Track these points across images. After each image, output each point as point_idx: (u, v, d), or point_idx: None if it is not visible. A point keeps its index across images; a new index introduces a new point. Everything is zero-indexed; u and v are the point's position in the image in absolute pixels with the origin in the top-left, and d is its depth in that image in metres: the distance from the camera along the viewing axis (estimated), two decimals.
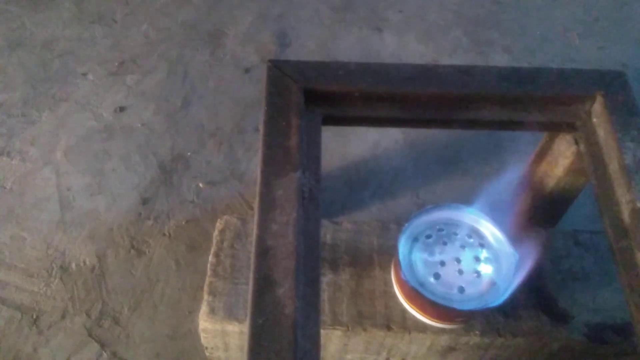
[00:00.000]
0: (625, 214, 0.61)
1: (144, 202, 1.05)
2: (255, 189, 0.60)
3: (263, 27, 1.38)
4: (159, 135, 1.15)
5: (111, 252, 0.98)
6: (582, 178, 0.78)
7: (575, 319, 0.72)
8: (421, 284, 0.66)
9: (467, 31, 1.40)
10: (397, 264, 0.68)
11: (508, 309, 0.71)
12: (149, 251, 0.98)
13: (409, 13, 1.44)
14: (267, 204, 0.58)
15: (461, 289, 0.65)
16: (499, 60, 1.33)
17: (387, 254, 0.77)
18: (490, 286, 0.66)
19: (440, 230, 0.70)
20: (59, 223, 1.02)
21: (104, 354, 0.87)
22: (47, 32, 1.34)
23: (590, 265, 0.77)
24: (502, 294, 0.64)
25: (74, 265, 0.97)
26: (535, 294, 0.74)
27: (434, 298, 0.64)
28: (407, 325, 0.71)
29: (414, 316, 0.70)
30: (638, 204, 0.60)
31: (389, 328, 0.70)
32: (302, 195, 0.59)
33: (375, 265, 0.76)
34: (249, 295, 0.52)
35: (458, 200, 0.71)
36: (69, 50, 1.30)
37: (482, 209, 0.70)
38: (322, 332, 0.54)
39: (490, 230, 0.70)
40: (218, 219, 0.82)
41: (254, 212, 0.59)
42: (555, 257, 0.78)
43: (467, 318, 0.69)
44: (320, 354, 0.51)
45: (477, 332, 0.70)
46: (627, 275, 0.59)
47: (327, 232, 0.79)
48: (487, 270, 0.67)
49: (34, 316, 0.91)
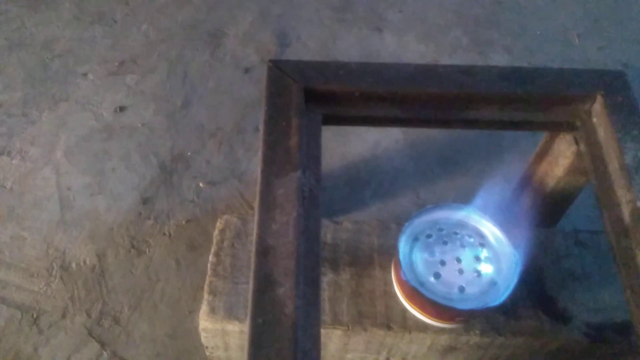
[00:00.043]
0: (626, 213, 0.61)
1: (144, 201, 1.05)
2: (255, 189, 0.60)
3: (263, 27, 1.38)
4: (159, 135, 1.15)
5: (111, 252, 0.98)
6: (582, 178, 0.78)
7: (575, 319, 0.72)
8: (421, 284, 0.66)
9: (467, 31, 1.40)
10: (398, 263, 0.68)
11: (508, 309, 0.71)
12: (149, 251, 0.98)
13: (409, 13, 1.44)
14: (268, 203, 0.58)
15: (461, 289, 0.65)
16: (499, 60, 1.33)
17: (388, 253, 0.77)
18: (491, 286, 0.66)
19: (441, 229, 0.70)
20: (59, 223, 1.02)
21: (104, 354, 0.87)
22: (47, 32, 1.34)
23: (590, 265, 0.77)
24: (502, 294, 0.64)
25: (74, 264, 0.97)
26: (535, 294, 0.74)
27: (434, 297, 0.64)
28: (408, 324, 0.71)
29: (414, 316, 0.70)
30: (638, 204, 0.60)
31: (389, 327, 0.70)
32: (302, 195, 0.59)
33: (375, 265, 0.76)
34: (249, 295, 0.53)
35: (458, 200, 0.71)
36: (69, 50, 1.30)
37: (482, 209, 0.70)
38: (322, 332, 0.54)
39: (491, 229, 0.70)
40: (218, 219, 0.82)
41: (254, 212, 0.59)
42: (555, 257, 0.78)
43: (467, 317, 0.69)
44: (320, 353, 0.51)
45: (477, 331, 0.70)
46: (627, 275, 0.59)
47: (327, 231, 0.79)
48: (487, 269, 0.67)
49: (34, 316, 0.91)
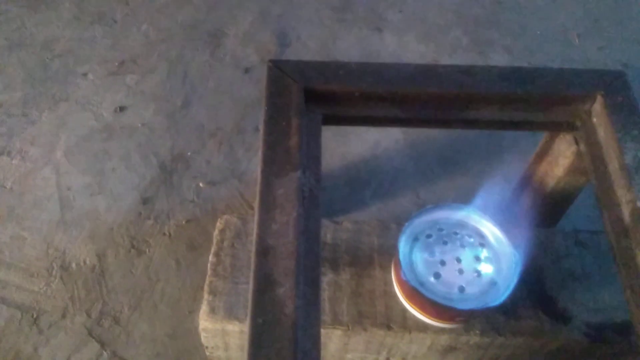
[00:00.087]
0: (626, 213, 0.61)
1: (144, 201, 1.05)
2: (255, 189, 0.60)
3: (263, 27, 1.38)
4: (159, 135, 1.15)
5: (111, 252, 0.98)
6: (582, 178, 0.78)
7: (575, 318, 0.71)
8: (421, 284, 0.66)
9: (467, 31, 1.40)
10: (398, 263, 0.68)
11: (508, 309, 0.71)
12: (149, 251, 0.98)
13: (409, 13, 1.44)
14: (268, 203, 0.58)
15: (461, 289, 0.65)
16: (499, 60, 1.33)
17: (388, 253, 0.77)
18: (491, 286, 0.66)
19: (441, 229, 0.70)
20: (59, 223, 1.02)
21: (104, 354, 0.87)
22: (47, 32, 1.34)
23: (590, 265, 0.77)
24: (502, 294, 0.64)
25: (74, 264, 0.97)
26: (535, 294, 0.74)
27: (434, 297, 0.64)
28: (408, 324, 0.71)
29: (414, 316, 0.70)
30: (638, 204, 0.60)
31: (389, 327, 0.70)
32: (302, 195, 0.59)
33: (375, 265, 0.76)
34: (249, 295, 0.52)
35: (458, 200, 0.71)
36: (69, 50, 1.30)
37: (482, 209, 0.70)
38: (322, 332, 0.54)
39: (491, 229, 0.70)
40: (218, 219, 0.82)
41: (254, 212, 0.59)
42: (555, 257, 0.78)
43: (467, 317, 0.69)
44: (320, 353, 0.51)
45: (477, 331, 0.70)
46: (627, 275, 0.59)
47: (327, 231, 0.79)
48: (487, 269, 0.67)
49: (34, 316, 0.91)
